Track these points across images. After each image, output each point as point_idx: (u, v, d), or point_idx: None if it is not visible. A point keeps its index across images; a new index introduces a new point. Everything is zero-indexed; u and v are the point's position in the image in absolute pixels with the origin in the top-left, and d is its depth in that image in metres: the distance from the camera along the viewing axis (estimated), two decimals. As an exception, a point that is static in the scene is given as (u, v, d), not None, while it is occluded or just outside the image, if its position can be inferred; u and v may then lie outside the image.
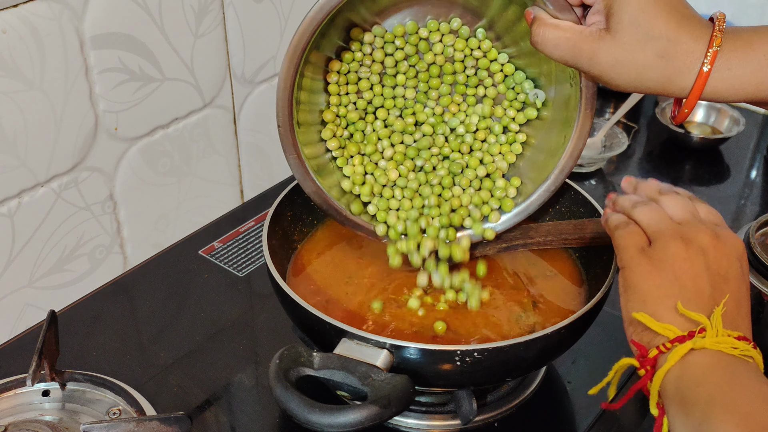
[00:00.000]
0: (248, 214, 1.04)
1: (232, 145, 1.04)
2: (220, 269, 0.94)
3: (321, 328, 0.65)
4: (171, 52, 0.90)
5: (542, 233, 0.77)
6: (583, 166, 1.20)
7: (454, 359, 0.63)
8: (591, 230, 0.75)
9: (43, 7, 0.77)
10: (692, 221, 0.58)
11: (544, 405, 0.78)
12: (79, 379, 0.75)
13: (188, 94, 0.95)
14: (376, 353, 0.62)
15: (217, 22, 0.94)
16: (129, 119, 0.89)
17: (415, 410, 0.74)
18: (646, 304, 0.55)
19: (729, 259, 0.56)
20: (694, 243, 0.55)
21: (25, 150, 0.80)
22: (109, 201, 0.91)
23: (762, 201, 1.16)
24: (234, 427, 0.75)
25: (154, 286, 0.92)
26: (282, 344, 0.63)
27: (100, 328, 0.86)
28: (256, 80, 1.03)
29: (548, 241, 0.76)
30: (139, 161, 0.92)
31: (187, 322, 0.87)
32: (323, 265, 0.80)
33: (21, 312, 0.87)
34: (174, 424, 0.69)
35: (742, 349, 0.52)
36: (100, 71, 0.84)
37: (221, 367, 0.81)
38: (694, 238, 0.56)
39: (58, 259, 0.88)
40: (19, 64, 0.76)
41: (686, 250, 0.55)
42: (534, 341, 0.64)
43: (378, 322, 0.72)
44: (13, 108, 0.78)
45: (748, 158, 1.27)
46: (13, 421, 0.70)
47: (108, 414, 0.73)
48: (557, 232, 0.76)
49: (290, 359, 0.61)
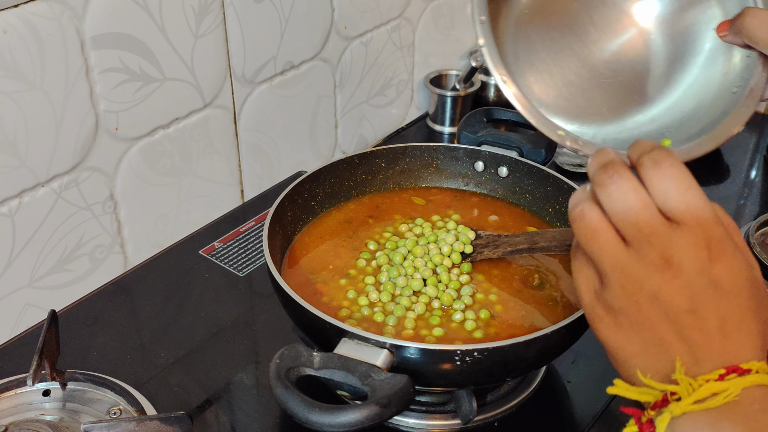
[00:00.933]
0: (249, 214, 1.04)
1: (232, 145, 1.04)
2: (220, 269, 0.94)
3: (321, 327, 0.65)
4: (171, 52, 0.90)
5: (547, 239, 0.77)
6: (582, 166, 1.20)
7: (454, 359, 0.63)
8: None
9: (43, 7, 0.77)
10: (648, 234, 0.48)
11: (544, 405, 0.78)
12: (79, 379, 0.75)
13: (189, 94, 0.95)
14: (376, 353, 0.62)
15: (217, 22, 0.94)
16: (129, 119, 0.89)
17: (415, 410, 0.75)
18: (620, 367, 0.50)
19: (701, 274, 0.47)
20: (647, 281, 0.48)
21: (26, 150, 0.80)
22: (110, 201, 0.91)
23: (761, 201, 1.17)
24: (234, 426, 0.75)
25: (155, 285, 0.92)
26: (282, 344, 0.63)
27: (101, 328, 0.86)
28: (257, 80, 1.03)
29: (552, 246, 0.76)
30: (139, 161, 0.92)
31: (187, 321, 0.87)
32: (324, 265, 0.80)
33: (21, 312, 0.87)
34: (174, 424, 0.69)
35: (729, 392, 0.45)
36: (100, 71, 0.84)
37: (222, 366, 0.81)
38: (647, 272, 0.47)
39: (59, 259, 0.88)
40: (20, 64, 0.77)
41: (639, 292, 0.48)
42: (534, 341, 0.64)
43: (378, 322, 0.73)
44: (13, 108, 0.78)
45: (748, 158, 1.27)
46: (14, 421, 0.70)
47: (108, 414, 0.73)
48: (562, 239, 0.76)
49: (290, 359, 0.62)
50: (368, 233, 0.85)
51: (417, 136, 1.32)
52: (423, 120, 1.35)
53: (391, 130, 1.32)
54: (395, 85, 1.28)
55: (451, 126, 1.32)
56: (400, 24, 1.23)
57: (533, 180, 0.88)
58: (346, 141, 1.23)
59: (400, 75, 1.28)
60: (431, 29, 1.30)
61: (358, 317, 0.73)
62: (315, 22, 1.08)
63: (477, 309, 0.74)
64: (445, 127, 1.32)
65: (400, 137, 1.31)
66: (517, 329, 0.72)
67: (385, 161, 0.91)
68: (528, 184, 0.89)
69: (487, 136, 0.92)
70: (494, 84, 1.37)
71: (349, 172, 0.89)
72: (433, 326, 0.72)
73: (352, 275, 0.79)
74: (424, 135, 1.32)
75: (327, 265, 0.80)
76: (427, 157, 0.92)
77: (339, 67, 1.15)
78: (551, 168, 0.88)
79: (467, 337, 0.71)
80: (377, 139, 1.29)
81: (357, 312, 0.74)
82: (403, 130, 1.33)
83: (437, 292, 0.75)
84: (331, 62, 1.13)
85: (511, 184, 0.90)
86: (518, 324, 0.73)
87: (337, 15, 1.10)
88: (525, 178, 0.89)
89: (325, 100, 1.15)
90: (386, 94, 1.27)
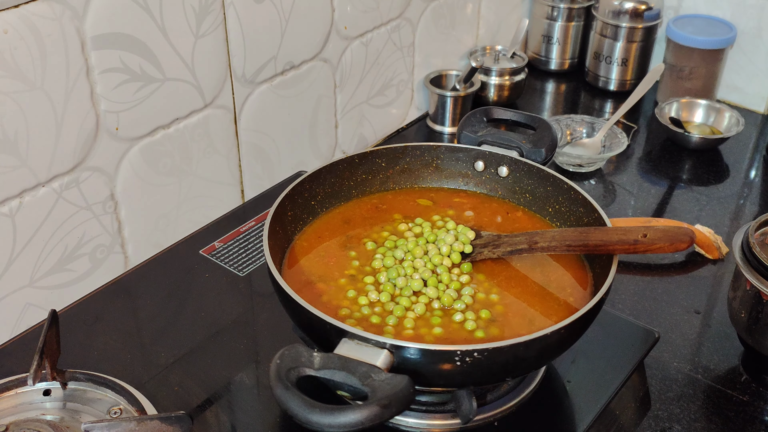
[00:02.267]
0: (249, 214, 1.05)
1: (232, 145, 1.04)
2: (220, 269, 0.94)
3: (321, 327, 0.66)
4: (172, 53, 0.90)
5: (547, 239, 0.77)
6: (582, 166, 1.20)
7: (454, 359, 0.63)
8: (595, 238, 0.75)
9: (44, 8, 0.77)
10: None
11: (544, 404, 0.78)
12: (80, 379, 0.75)
13: (189, 94, 0.95)
14: (376, 353, 0.62)
15: (218, 22, 0.94)
16: (130, 119, 0.89)
17: (415, 409, 0.75)
18: None
19: None
20: None
21: (27, 150, 0.80)
22: (110, 201, 0.91)
23: (761, 201, 1.17)
24: (235, 426, 0.76)
25: (155, 285, 0.92)
26: (282, 344, 0.63)
27: (101, 328, 0.86)
28: (257, 80, 1.03)
29: (552, 246, 0.76)
30: (140, 161, 0.93)
31: (187, 321, 0.87)
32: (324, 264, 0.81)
33: (22, 311, 0.87)
34: (175, 424, 0.69)
35: None
36: (101, 71, 0.84)
37: (222, 366, 0.81)
38: None
39: (59, 259, 0.89)
40: (21, 64, 0.77)
41: None
42: (534, 341, 0.64)
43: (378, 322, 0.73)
44: (14, 108, 0.78)
45: (748, 158, 1.27)
46: (15, 421, 0.70)
47: (109, 413, 0.73)
48: (561, 239, 0.76)
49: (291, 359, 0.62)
50: (368, 233, 0.85)
51: (417, 136, 1.32)
52: (423, 120, 1.35)
53: (391, 130, 1.32)
54: (395, 85, 1.28)
55: (451, 126, 1.32)
56: (400, 24, 1.23)
57: (533, 180, 0.88)
58: (346, 141, 1.23)
59: (400, 75, 1.28)
60: (431, 29, 1.30)
61: (358, 317, 0.73)
62: (315, 22, 1.08)
63: (478, 309, 0.74)
64: (445, 127, 1.32)
65: (400, 137, 1.31)
66: (519, 329, 0.72)
67: (385, 161, 0.91)
68: (528, 184, 0.89)
69: (487, 136, 0.91)
70: (494, 84, 1.37)
71: (349, 172, 0.89)
72: (433, 326, 0.72)
73: (352, 275, 0.79)
74: (424, 135, 1.32)
75: (327, 265, 0.80)
76: (427, 157, 0.92)
77: (339, 67, 1.15)
78: (551, 168, 0.88)
79: (468, 337, 0.72)
80: (377, 139, 1.30)
81: (357, 312, 0.74)
82: (403, 130, 1.33)
83: (438, 293, 0.75)
84: (332, 62, 1.13)
85: (511, 184, 0.90)
86: (519, 324, 0.73)
87: (337, 15, 1.10)
88: (525, 178, 0.89)
89: (325, 100, 1.15)
90: (386, 94, 1.27)
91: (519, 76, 1.38)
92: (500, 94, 1.38)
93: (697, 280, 1.00)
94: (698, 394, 0.83)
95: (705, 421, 0.80)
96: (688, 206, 1.15)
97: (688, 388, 0.84)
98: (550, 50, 1.50)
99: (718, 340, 0.91)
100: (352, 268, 0.80)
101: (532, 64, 1.52)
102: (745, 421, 0.80)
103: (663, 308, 0.95)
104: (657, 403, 0.82)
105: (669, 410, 0.81)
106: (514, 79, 1.38)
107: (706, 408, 0.82)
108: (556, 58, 1.50)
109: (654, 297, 0.97)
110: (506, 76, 1.37)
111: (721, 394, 0.84)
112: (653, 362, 0.87)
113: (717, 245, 1.03)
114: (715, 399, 0.83)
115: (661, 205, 1.16)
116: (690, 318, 0.94)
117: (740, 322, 0.84)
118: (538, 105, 1.45)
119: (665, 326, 0.92)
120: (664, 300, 0.96)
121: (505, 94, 1.38)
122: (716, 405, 0.82)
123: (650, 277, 1.01)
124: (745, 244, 0.82)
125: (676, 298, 0.97)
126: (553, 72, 1.52)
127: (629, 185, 1.20)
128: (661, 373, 0.86)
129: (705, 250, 1.03)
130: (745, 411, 0.82)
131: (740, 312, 0.84)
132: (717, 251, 1.03)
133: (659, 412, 0.81)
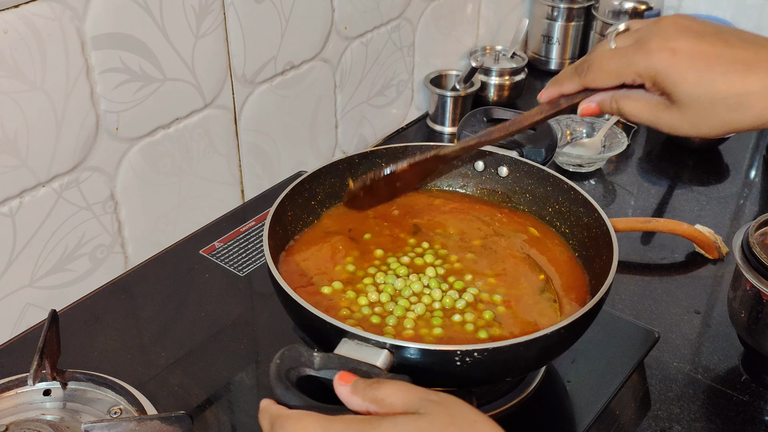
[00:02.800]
0: (249, 214, 1.05)
1: (232, 145, 1.04)
2: (220, 269, 0.94)
3: (321, 327, 0.66)
4: (172, 53, 0.90)
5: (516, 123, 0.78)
6: (582, 166, 1.20)
7: (454, 359, 0.63)
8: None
9: (44, 8, 0.77)
10: None
11: (544, 404, 0.78)
12: (80, 379, 0.75)
13: (189, 94, 0.95)
14: (376, 353, 0.62)
15: (218, 22, 0.94)
16: (130, 119, 0.89)
17: (415, 410, 0.75)
18: None
19: None
20: None
21: (27, 150, 0.80)
22: (110, 201, 0.91)
23: (761, 201, 1.17)
24: (235, 426, 0.76)
25: (155, 285, 0.92)
26: (282, 344, 0.63)
27: (101, 328, 0.86)
28: (257, 80, 1.03)
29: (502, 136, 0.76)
30: (140, 161, 0.93)
31: (187, 321, 0.87)
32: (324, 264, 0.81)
33: (22, 312, 0.87)
34: (175, 423, 0.69)
35: None
36: (101, 71, 0.84)
37: (222, 366, 0.81)
38: None
39: (59, 259, 0.89)
40: (21, 64, 0.77)
41: None
42: (534, 341, 0.64)
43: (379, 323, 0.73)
44: (14, 108, 0.78)
45: (748, 158, 1.27)
46: (15, 421, 0.71)
47: (109, 413, 0.73)
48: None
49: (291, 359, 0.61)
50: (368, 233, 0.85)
51: (417, 136, 1.32)
52: (423, 120, 1.36)
53: (391, 130, 1.32)
54: (395, 85, 1.28)
55: (451, 126, 1.32)
56: (400, 24, 1.23)
57: (533, 180, 0.88)
58: (346, 141, 1.23)
59: (400, 75, 1.28)
60: (431, 29, 1.30)
61: (358, 317, 0.73)
62: (315, 22, 1.08)
63: (481, 310, 0.74)
64: (445, 127, 1.32)
65: (400, 137, 1.31)
66: (521, 329, 0.72)
67: (385, 161, 0.91)
68: (528, 184, 0.89)
69: (487, 136, 0.92)
70: (494, 84, 1.37)
71: (349, 172, 0.89)
72: (433, 326, 0.72)
73: (352, 275, 0.79)
74: (424, 135, 1.32)
75: (327, 265, 0.80)
76: (427, 157, 0.92)
77: (339, 67, 1.15)
78: (551, 168, 0.88)
79: (471, 337, 0.71)
80: (377, 139, 1.30)
81: (357, 312, 0.74)
82: (403, 130, 1.33)
83: (441, 295, 0.75)
84: (332, 62, 1.13)
85: (511, 184, 0.90)
86: (521, 324, 0.73)
87: (338, 15, 1.11)
88: (525, 178, 0.89)
89: (325, 100, 1.15)
90: (386, 94, 1.27)
91: (519, 76, 1.38)
92: (500, 94, 1.38)
93: (697, 280, 1.00)
94: (698, 394, 0.83)
95: (705, 421, 0.80)
96: (688, 206, 1.15)
97: (688, 388, 0.84)
98: (550, 50, 1.50)
99: (718, 340, 0.91)
100: (353, 268, 0.80)
101: (532, 64, 1.52)
102: (745, 421, 0.80)
103: (663, 308, 0.95)
104: (657, 403, 0.82)
105: (669, 410, 0.81)
106: (514, 79, 1.38)
107: (706, 408, 0.82)
108: (556, 58, 1.50)
109: (654, 297, 0.97)
110: (506, 76, 1.37)
111: (721, 394, 0.84)
112: (653, 362, 0.87)
113: (717, 245, 1.03)
114: (715, 399, 0.83)
115: (661, 205, 1.16)
116: (690, 318, 0.94)
117: (740, 322, 0.84)
118: (538, 105, 1.44)
119: (665, 326, 0.92)
120: (664, 300, 0.96)
121: (505, 94, 1.38)
122: (716, 405, 0.82)
123: (650, 277, 1.01)
124: (745, 244, 0.82)
125: (676, 298, 0.97)
126: (553, 72, 1.52)
127: (629, 185, 1.20)
128: (661, 373, 0.86)
129: (705, 250, 1.03)
130: (745, 411, 0.82)
131: (740, 312, 0.84)
132: (717, 251, 1.03)
133: (659, 412, 0.81)
